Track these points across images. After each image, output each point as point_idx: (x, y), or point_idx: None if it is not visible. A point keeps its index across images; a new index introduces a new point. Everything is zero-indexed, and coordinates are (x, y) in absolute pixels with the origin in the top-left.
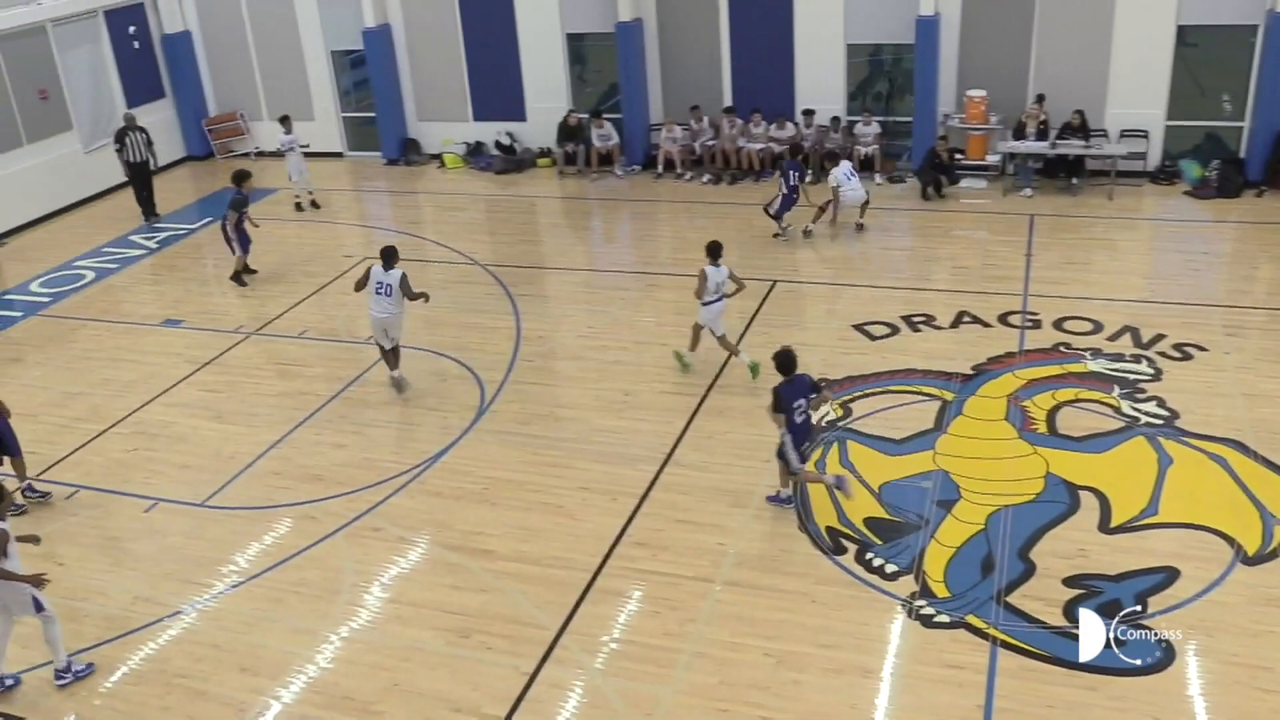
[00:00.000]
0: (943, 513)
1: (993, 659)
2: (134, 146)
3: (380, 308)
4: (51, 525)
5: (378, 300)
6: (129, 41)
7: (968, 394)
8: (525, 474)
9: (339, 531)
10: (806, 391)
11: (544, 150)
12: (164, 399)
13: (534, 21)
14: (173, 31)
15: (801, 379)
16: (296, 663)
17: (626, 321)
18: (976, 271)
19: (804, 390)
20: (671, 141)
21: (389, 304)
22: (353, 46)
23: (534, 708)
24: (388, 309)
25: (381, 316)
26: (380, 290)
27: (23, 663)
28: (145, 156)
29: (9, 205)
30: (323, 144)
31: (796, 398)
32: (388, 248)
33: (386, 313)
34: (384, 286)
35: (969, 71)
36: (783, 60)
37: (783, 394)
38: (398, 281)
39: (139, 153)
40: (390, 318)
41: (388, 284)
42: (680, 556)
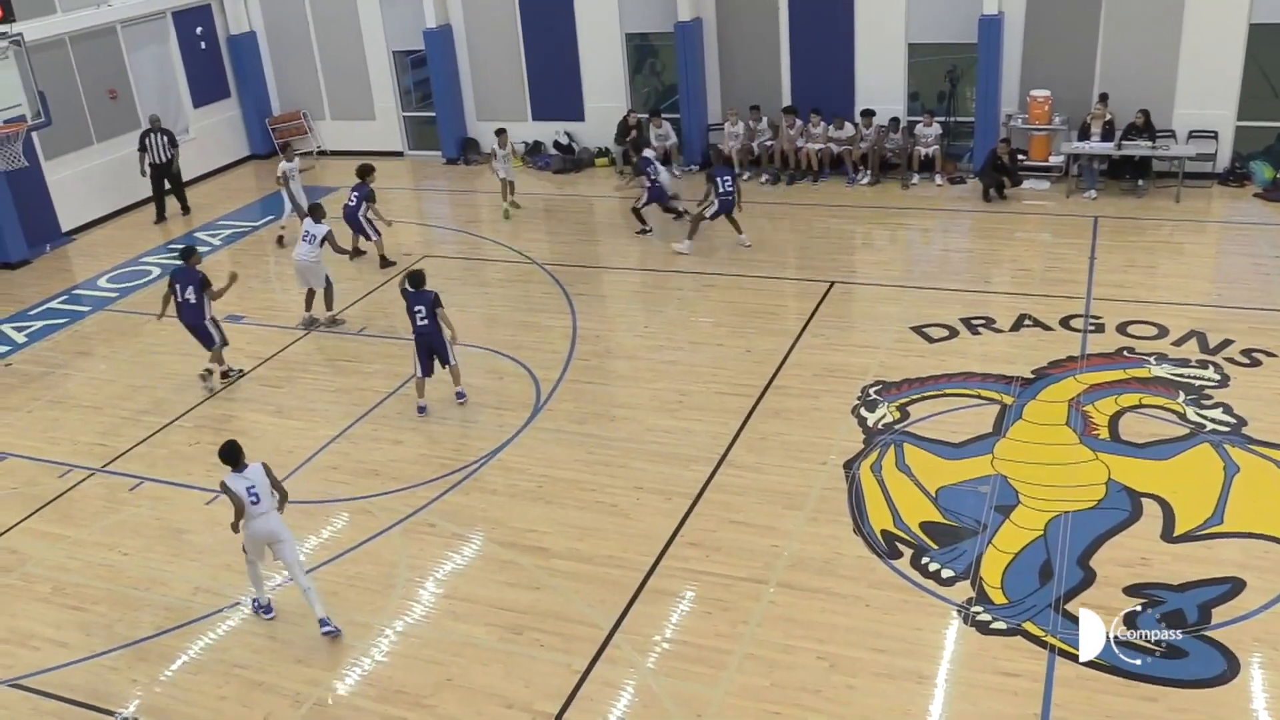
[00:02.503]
0: (1001, 518)
1: (1050, 667)
2: (156, 148)
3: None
4: (115, 516)
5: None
6: (196, 42)
7: (1028, 398)
8: (580, 473)
9: (395, 527)
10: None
11: (602, 150)
12: (225, 394)
13: (593, 21)
14: (238, 32)
15: (426, 294)
16: (351, 655)
17: (682, 322)
18: (1038, 274)
19: (426, 302)
20: (732, 139)
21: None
22: (414, 47)
23: (585, 705)
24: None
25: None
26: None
27: (84, 649)
28: (167, 157)
29: (79, 202)
30: (383, 143)
31: (418, 304)
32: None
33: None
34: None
35: (1033, 71)
36: (843, 60)
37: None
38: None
39: (161, 154)
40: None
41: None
42: (733, 557)
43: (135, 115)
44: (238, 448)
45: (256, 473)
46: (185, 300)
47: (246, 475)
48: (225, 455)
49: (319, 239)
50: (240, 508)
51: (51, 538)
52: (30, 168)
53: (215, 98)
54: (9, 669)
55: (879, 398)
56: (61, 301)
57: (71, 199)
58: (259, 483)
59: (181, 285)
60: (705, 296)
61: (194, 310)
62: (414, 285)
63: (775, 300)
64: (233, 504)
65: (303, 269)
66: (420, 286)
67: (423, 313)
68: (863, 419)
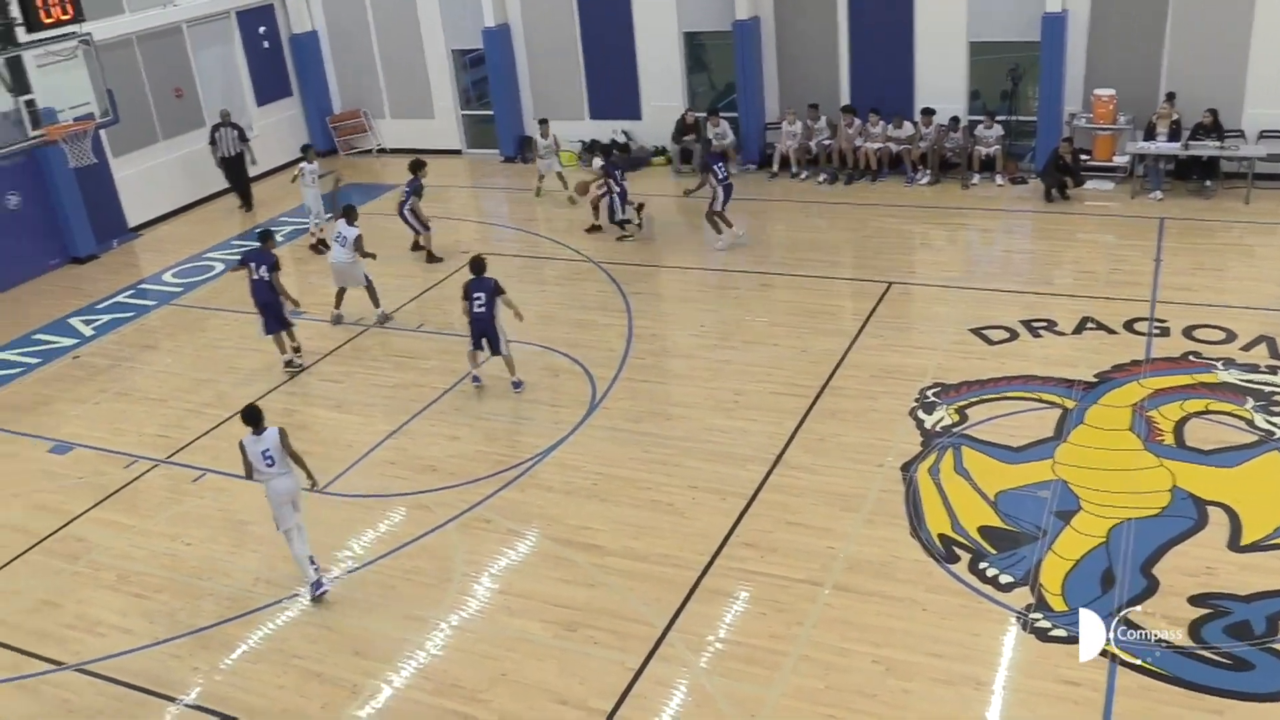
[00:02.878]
0: (1061, 524)
1: (1111, 677)
2: (225, 142)
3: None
4: (179, 506)
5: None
6: (259, 41)
7: (1090, 402)
8: (635, 471)
9: (451, 522)
10: (489, 290)
11: (659, 149)
12: (286, 388)
13: (651, 20)
14: (300, 31)
15: (487, 280)
16: (407, 648)
17: (738, 321)
18: (1102, 276)
19: (486, 289)
20: (790, 138)
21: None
22: (473, 46)
23: (639, 703)
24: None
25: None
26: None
27: (148, 636)
28: (238, 150)
29: (145, 199)
30: (442, 141)
31: (478, 291)
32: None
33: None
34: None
35: (1097, 69)
36: (902, 58)
37: (468, 287)
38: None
39: (231, 147)
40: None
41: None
42: (789, 559)
43: (200, 113)
44: (258, 411)
45: (271, 437)
46: (260, 278)
47: (263, 439)
48: (246, 417)
49: (350, 241)
50: (249, 468)
51: (117, 527)
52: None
53: (277, 96)
54: (76, 654)
55: (937, 400)
56: (128, 296)
57: (138, 195)
58: (273, 447)
59: (256, 264)
60: (762, 296)
61: (266, 288)
62: (475, 272)
63: (832, 300)
64: (243, 463)
65: (340, 271)
66: (481, 273)
67: (481, 300)
68: (920, 421)
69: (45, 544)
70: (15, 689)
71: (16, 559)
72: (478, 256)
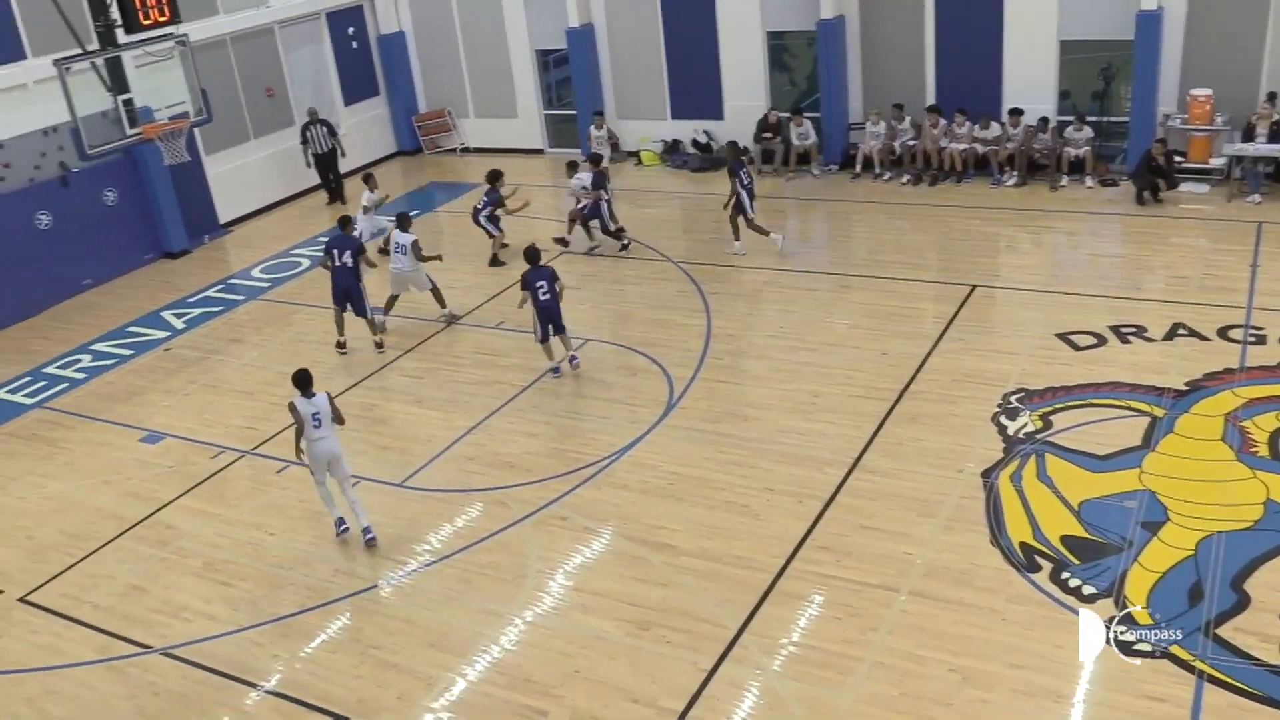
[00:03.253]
0: (1148, 535)
1: (1198, 694)
2: (316, 139)
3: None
4: (263, 497)
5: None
6: (348, 42)
7: (1180, 411)
8: (711, 471)
9: (527, 518)
10: (549, 278)
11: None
12: (368, 383)
13: (735, 19)
14: (388, 32)
15: (545, 269)
16: (482, 642)
17: (817, 322)
18: (1195, 281)
19: (546, 276)
20: (873, 138)
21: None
22: (556, 46)
23: (711, 704)
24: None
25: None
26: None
27: (231, 623)
28: (329, 146)
29: (236, 196)
30: (524, 141)
31: (539, 280)
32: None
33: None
34: (400, 246)
35: (1193, 69)
36: (990, 57)
37: (528, 278)
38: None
39: (322, 144)
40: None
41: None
42: (864, 563)
43: (290, 112)
44: (308, 375)
45: (322, 401)
46: (342, 264)
47: (314, 402)
48: (298, 381)
49: (408, 247)
50: (301, 428)
51: (204, 515)
52: (192, 162)
53: (365, 95)
54: (163, 638)
55: (1020, 406)
56: (218, 290)
57: (229, 192)
58: (323, 409)
59: (339, 250)
60: (841, 298)
61: (349, 273)
62: (531, 261)
63: (913, 303)
64: (295, 422)
65: (402, 278)
66: (537, 263)
67: (544, 287)
68: (1002, 427)
69: (135, 530)
70: (106, 670)
71: (108, 544)
72: (531, 246)
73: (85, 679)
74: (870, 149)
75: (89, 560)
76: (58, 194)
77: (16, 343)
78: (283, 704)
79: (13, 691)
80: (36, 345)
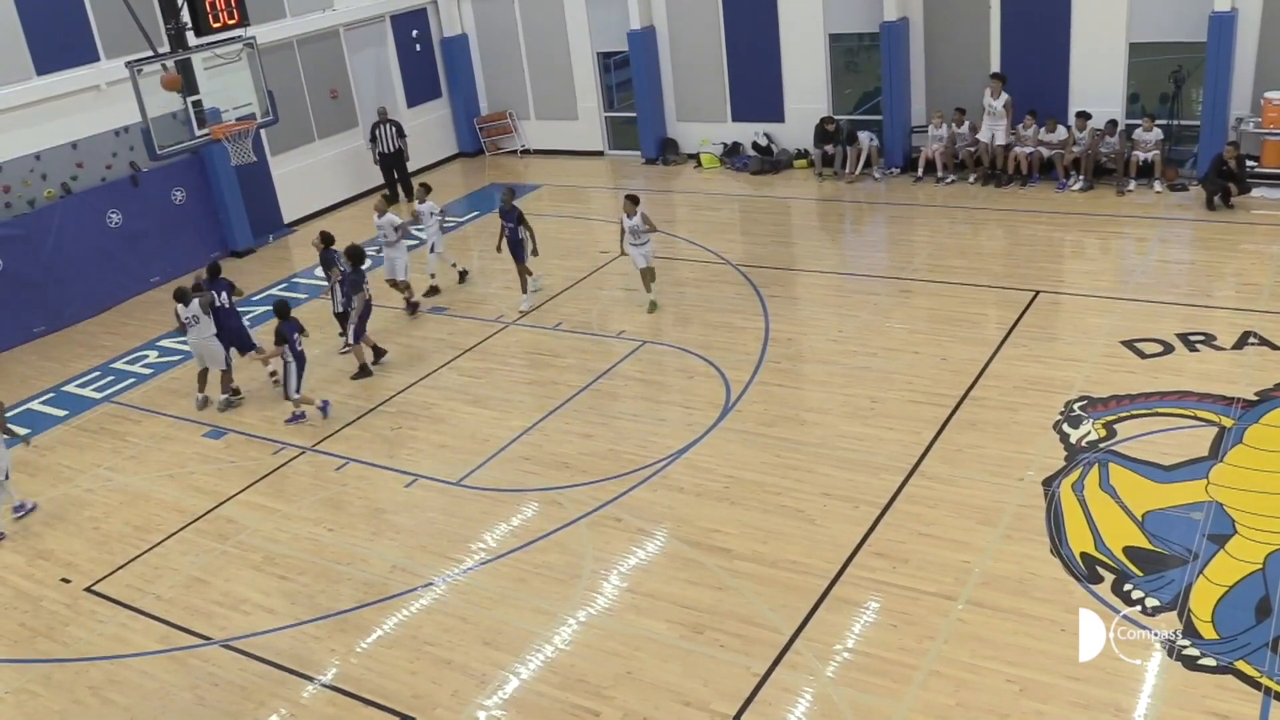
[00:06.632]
0: (1214, 548)
1: (1264, 711)
2: (384, 138)
3: None
4: (322, 493)
5: None
6: (411, 44)
7: (1250, 421)
8: (767, 475)
9: (582, 519)
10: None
11: (801, 151)
12: (426, 382)
13: (797, 22)
14: (451, 35)
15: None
16: (536, 641)
17: (877, 327)
18: (1267, 289)
19: (298, 328)
20: (936, 142)
21: None
22: (617, 48)
23: (763, 709)
24: None
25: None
26: None
27: (289, 617)
28: (396, 146)
29: (301, 195)
30: (585, 143)
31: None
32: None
33: None
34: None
35: (1268, 71)
36: (1057, 60)
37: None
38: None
39: (390, 144)
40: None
41: None
42: (921, 571)
43: (354, 114)
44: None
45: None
46: (221, 305)
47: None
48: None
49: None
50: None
51: (265, 510)
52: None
53: (427, 97)
54: (222, 630)
55: (1084, 414)
56: (281, 289)
57: (294, 192)
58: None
59: (218, 291)
60: (901, 303)
61: (230, 314)
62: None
63: (975, 309)
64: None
65: (202, 348)
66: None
67: (297, 339)
68: (1065, 435)
69: (198, 524)
70: (167, 660)
71: (171, 537)
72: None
73: (147, 668)
74: (933, 152)
75: (153, 552)
76: (128, 193)
77: (87, 338)
78: (338, 697)
79: (77, 679)
80: (105, 341)
